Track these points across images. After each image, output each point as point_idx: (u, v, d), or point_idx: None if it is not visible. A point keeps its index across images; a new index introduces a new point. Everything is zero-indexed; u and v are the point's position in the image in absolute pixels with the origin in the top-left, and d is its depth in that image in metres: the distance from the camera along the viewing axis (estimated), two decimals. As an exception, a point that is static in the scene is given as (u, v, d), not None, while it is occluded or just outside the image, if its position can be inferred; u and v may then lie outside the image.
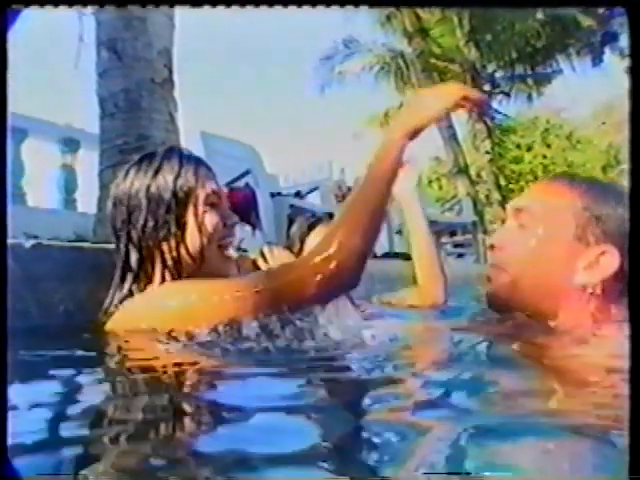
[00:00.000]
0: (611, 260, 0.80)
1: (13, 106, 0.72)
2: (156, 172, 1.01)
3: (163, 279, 0.99)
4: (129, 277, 1.00)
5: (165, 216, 0.99)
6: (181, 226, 1.00)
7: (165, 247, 0.99)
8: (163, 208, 1.00)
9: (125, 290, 0.99)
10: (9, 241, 0.79)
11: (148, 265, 1.00)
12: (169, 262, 0.99)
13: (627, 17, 0.74)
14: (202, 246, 1.01)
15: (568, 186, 0.87)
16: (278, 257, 1.61)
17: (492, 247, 0.90)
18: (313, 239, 1.66)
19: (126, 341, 0.90)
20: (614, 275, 0.80)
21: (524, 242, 0.85)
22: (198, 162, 1.06)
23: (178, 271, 1.00)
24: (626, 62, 10.33)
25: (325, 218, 1.78)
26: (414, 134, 0.92)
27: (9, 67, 0.69)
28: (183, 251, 1.00)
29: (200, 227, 1.01)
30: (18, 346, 0.82)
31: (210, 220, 1.02)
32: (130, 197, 1.01)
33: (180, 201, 1.00)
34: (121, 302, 0.98)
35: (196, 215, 1.01)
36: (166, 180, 1.01)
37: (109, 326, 0.96)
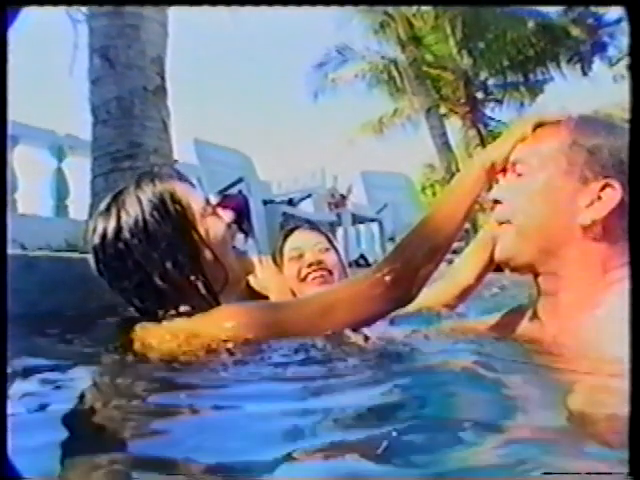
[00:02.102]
0: (613, 193, 0.78)
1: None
2: (142, 210, 0.95)
3: (200, 305, 0.96)
4: (161, 313, 0.96)
5: (176, 251, 0.95)
6: (194, 251, 0.96)
7: (192, 278, 0.95)
8: (171, 241, 0.95)
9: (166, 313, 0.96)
10: (10, 251, 0.78)
11: (181, 300, 0.96)
12: (202, 290, 0.96)
13: (627, 17, 0.74)
14: (221, 258, 0.99)
15: (555, 128, 0.86)
16: (266, 267, 1.61)
17: (495, 202, 0.89)
18: (289, 246, 1.65)
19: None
20: (618, 208, 0.77)
21: (524, 191, 0.85)
22: (172, 179, 1.03)
23: (212, 292, 0.97)
24: (614, 71, 10.47)
25: (302, 225, 1.76)
26: (492, 168, 0.92)
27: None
28: (208, 273, 0.97)
29: (210, 244, 0.98)
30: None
31: (215, 232, 1.00)
32: (128, 251, 0.94)
33: (181, 226, 0.96)
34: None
35: (200, 234, 0.98)
36: (156, 214, 0.95)
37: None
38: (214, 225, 1.00)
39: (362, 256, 4.35)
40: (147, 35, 3.01)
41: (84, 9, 3.19)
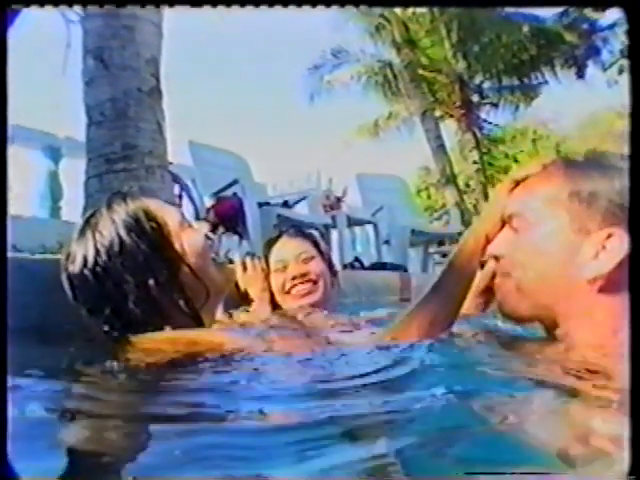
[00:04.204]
0: (619, 242, 0.72)
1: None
2: (117, 231, 0.94)
3: (183, 324, 0.95)
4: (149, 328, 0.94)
5: (155, 269, 0.93)
6: (173, 267, 0.96)
7: (174, 296, 0.95)
8: (149, 260, 0.93)
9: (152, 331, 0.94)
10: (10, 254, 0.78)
11: (164, 320, 0.95)
12: (184, 308, 0.95)
13: (625, 17, 0.73)
14: (201, 272, 0.98)
15: (546, 176, 0.82)
16: (251, 270, 1.62)
17: (493, 258, 0.86)
18: (274, 257, 1.65)
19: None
20: (626, 258, 0.71)
21: (521, 246, 0.81)
22: (145, 194, 1.03)
23: (193, 309, 0.97)
24: (608, 76, 10.54)
25: (288, 230, 1.77)
26: (487, 241, 0.87)
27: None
28: (189, 289, 0.96)
29: (189, 259, 0.97)
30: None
31: (193, 245, 0.99)
32: (107, 275, 0.92)
33: (159, 243, 0.95)
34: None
35: (178, 250, 0.97)
36: (132, 234, 0.94)
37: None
38: (191, 239, 0.99)
39: (357, 259, 4.35)
40: (142, 36, 3.00)
41: (78, 10, 3.17)
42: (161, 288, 0.93)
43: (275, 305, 1.64)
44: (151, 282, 0.92)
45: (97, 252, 0.93)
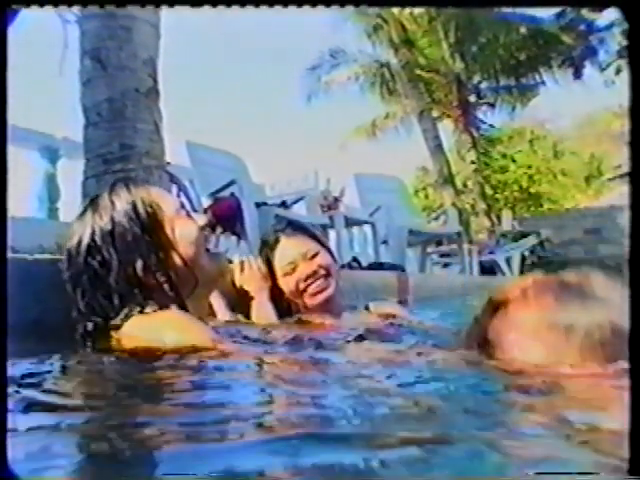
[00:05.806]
0: (596, 379, 0.70)
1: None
2: (113, 213, 0.98)
3: (166, 303, 0.97)
4: (127, 309, 0.97)
5: (144, 252, 0.97)
6: (162, 252, 0.98)
7: (161, 279, 0.98)
8: (140, 245, 0.97)
9: (131, 311, 0.97)
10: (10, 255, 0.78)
11: (147, 300, 0.97)
12: (169, 293, 0.98)
13: (623, 16, 0.72)
14: (191, 261, 1.00)
15: (525, 303, 0.78)
16: (248, 269, 1.61)
17: None
18: (280, 262, 1.62)
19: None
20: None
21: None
22: (147, 184, 1.05)
23: (178, 295, 0.99)
24: (605, 76, 10.57)
25: (286, 229, 1.76)
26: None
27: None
28: (176, 276, 0.99)
29: (179, 247, 1.00)
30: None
31: (185, 234, 1.01)
32: (98, 252, 0.96)
33: (151, 228, 0.99)
34: (126, 318, 0.96)
35: (169, 236, 1.00)
36: (127, 216, 0.98)
37: (115, 338, 0.95)
38: (184, 227, 1.02)
39: (355, 259, 4.35)
40: (139, 37, 3.00)
41: (76, 10, 3.17)
42: (147, 270, 0.97)
43: (277, 306, 1.61)
44: (139, 264, 0.96)
45: (92, 231, 0.97)
